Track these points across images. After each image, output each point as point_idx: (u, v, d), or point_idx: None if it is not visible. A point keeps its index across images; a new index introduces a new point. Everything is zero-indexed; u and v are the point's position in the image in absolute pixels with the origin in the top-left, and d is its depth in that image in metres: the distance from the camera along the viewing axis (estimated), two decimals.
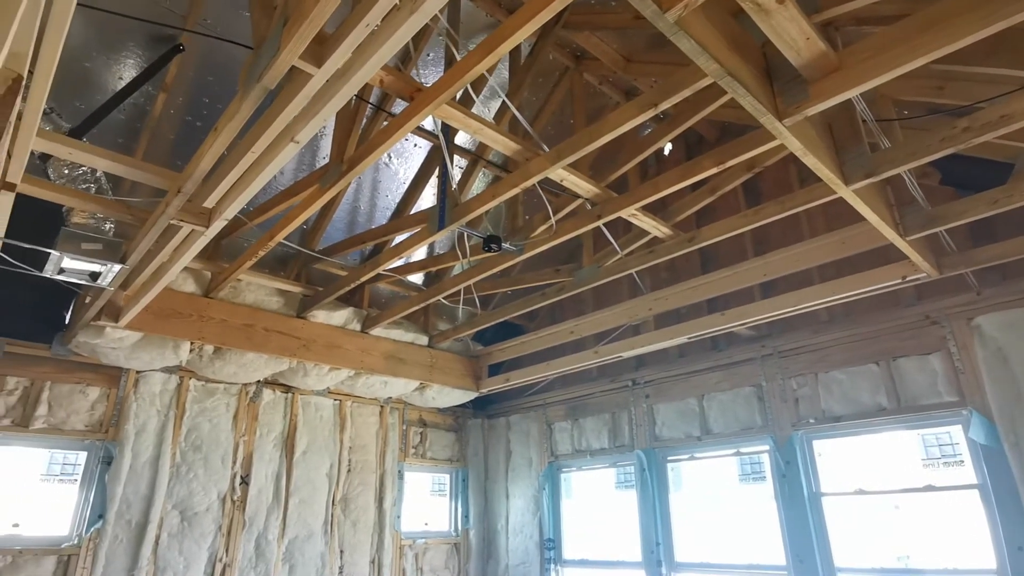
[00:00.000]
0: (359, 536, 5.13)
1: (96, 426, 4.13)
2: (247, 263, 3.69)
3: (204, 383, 4.61)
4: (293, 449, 4.93)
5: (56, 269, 2.86)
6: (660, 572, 4.65)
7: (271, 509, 4.69)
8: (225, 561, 4.38)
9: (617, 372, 5.35)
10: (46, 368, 4.02)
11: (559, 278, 4.42)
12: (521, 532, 5.79)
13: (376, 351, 4.93)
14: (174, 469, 4.32)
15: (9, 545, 3.66)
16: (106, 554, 3.93)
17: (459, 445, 6.17)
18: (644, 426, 5.10)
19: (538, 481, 5.76)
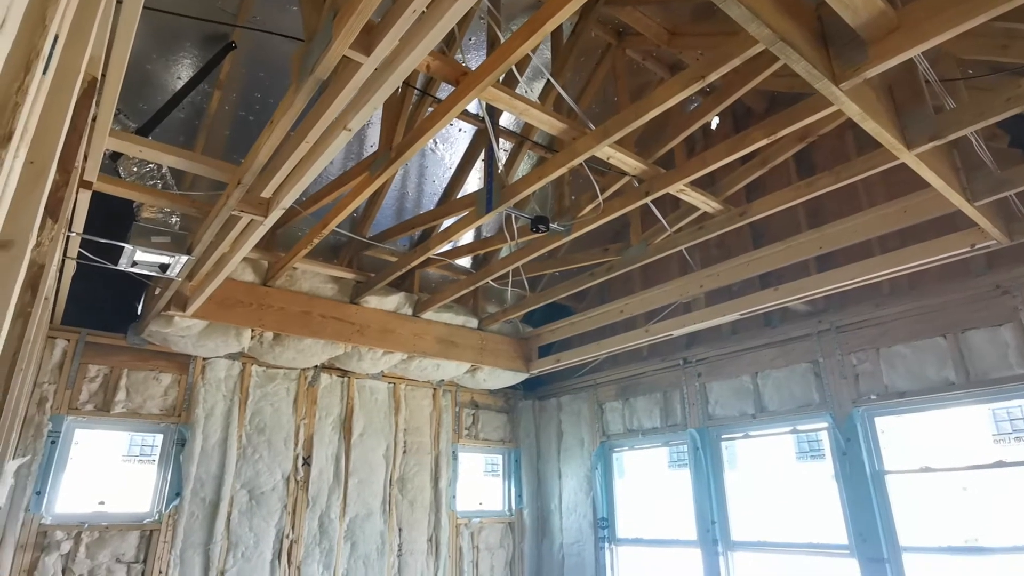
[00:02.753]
0: (416, 515, 5.28)
1: (170, 410, 4.37)
2: (302, 251, 3.81)
3: (265, 369, 4.81)
4: (351, 431, 5.10)
5: (129, 262, 3.03)
6: (716, 551, 4.62)
7: (332, 489, 4.87)
8: (292, 537, 4.59)
9: (668, 351, 5.31)
10: (123, 357, 4.27)
11: (607, 257, 4.40)
12: (574, 511, 5.84)
13: (428, 335, 5.03)
14: (241, 451, 4.54)
15: (96, 521, 3.94)
16: (184, 529, 4.18)
17: (511, 426, 6.25)
18: (697, 405, 5.06)
19: (590, 461, 5.79)
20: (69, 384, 4.04)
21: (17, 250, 0.88)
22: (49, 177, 0.97)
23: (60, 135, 1.00)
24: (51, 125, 0.96)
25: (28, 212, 0.91)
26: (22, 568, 3.63)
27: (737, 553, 4.59)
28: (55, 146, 0.99)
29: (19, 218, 0.90)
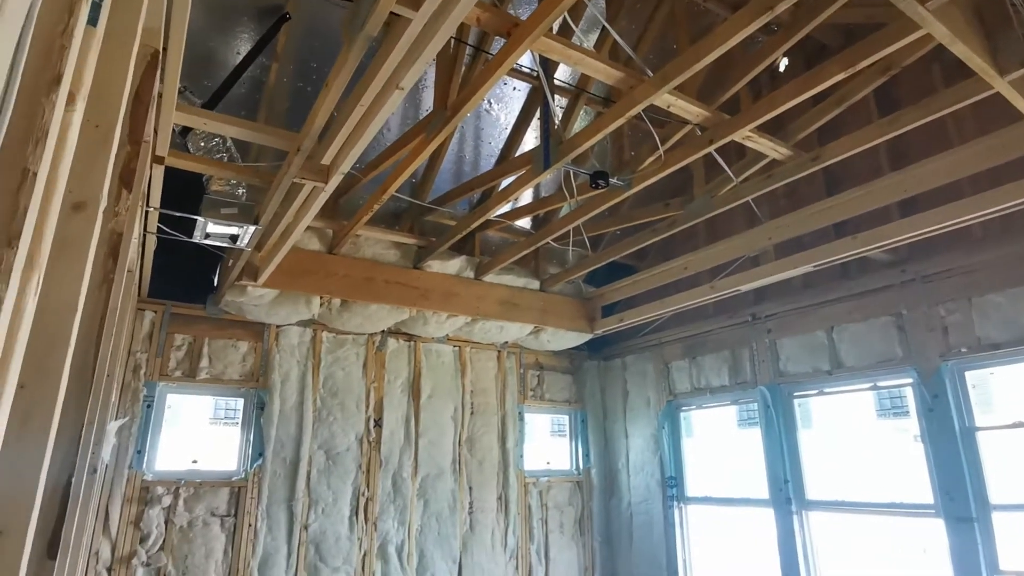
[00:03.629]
0: (485, 474, 5.41)
1: (248, 376, 4.61)
2: (364, 218, 3.88)
3: (335, 335, 4.98)
4: (419, 394, 5.24)
5: (203, 234, 3.17)
6: (790, 510, 4.52)
7: (403, 449, 5.04)
8: (367, 495, 4.80)
9: (735, 307, 5.13)
10: (204, 326, 4.52)
11: (669, 212, 4.27)
12: (642, 470, 5.83)
13: (490, 297, 5.06)
14: (316, 413, 4.75)
15: (191, 478, 4.24)
16: (268, 487, 4.44)
17: (576, 387, 6.26)
18: (767, 362, 4.89)
19: (657, 420, 5.74)
20: (159, 353, 4.31)
21: (90, 211, 0.92)
22: (114, 141, 1.00)
23: (121, 98, 1.03)
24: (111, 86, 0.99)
25: (96, 175, 0.94)
26: (129, 519, 3.96)
27: (813, 513, 4.47)
28: (117, 109, 1.01)
29: (89, 181, 0.93)
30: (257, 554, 4.30)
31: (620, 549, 5.87)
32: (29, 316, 0.62)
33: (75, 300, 0.85)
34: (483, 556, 5.19)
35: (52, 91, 0.57)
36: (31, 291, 0.61)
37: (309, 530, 4.51)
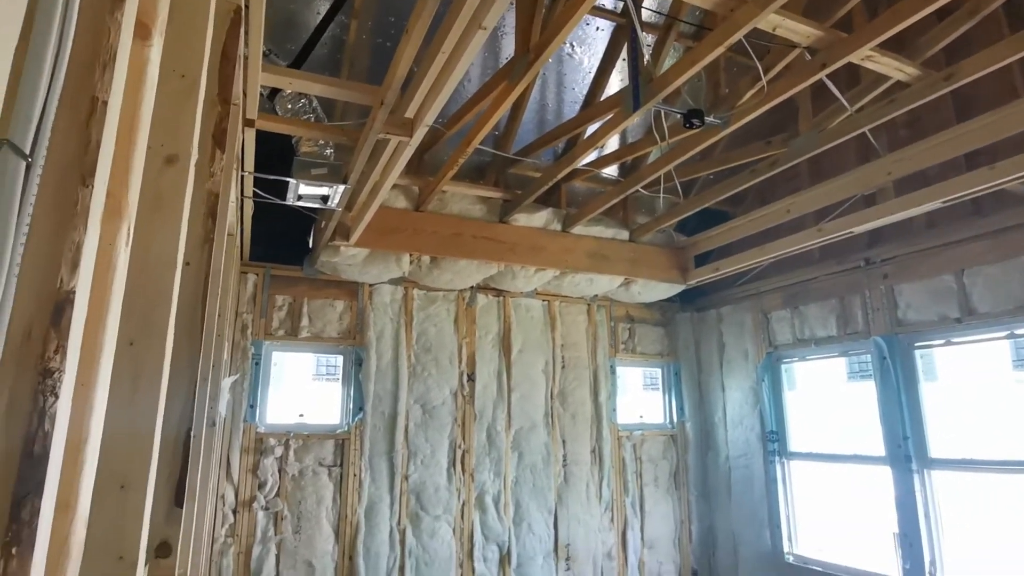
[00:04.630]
0: (578, 428, 5.40)
1: (346, 334, 4.78)
2: (449, 172, 3.84)
3: (425, 292, 5.05)
4: (510, 349, 5.26)
5: (295, 196, 3.23)
6: (909, 468, 4.20)
7: (496, 403, 5.11)
8: (463, 447, 4.91)
9: (845, 251, 4.73)
10: (302, 287, 4.70)
11: (771, 151, 3.93)
12: (740, 424, 5.62)
13: (578, 249, 4.93)
14: (411, 369, 4.87)
15: (299, 431, 4.49)
16: (369, 439, 4.64)
17: (669, 340, 6.08)
18: (882, 310, 4.50)
19: (756, 373, 5.48)
20: (263, 313, 4.54)
21: (182, 165, 0.89)
22: (200, 93, 0.97)
23: (204, 48, 0.99)
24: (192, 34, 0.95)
25: (185, 128, 0.92)
26: (248, 468, 4.27)
27: (936, 472, 4.14)
28: (200, 59, 0.98)
29: (179, 134, 0.91)
30: (363, 502, 4.53)
31: (718, 503, 5.74)
32: (122, 269, 0.59)
33: (173, 256, 0.84)
34: (578, 507, 5.23)
35: (116, 9, 0.52)
36: (121, 242, 0.58)
37: (409, 480, 4.69)
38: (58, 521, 0.48)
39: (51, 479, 0.44)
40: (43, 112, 0.45)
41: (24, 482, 0.42)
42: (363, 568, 4.42)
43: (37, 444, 0.43)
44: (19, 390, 0.43)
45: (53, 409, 0.44)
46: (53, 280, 0.45)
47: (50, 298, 0.44)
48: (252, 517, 4.23)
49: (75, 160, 0.48)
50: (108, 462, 0.68)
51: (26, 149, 0.43)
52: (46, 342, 0.44)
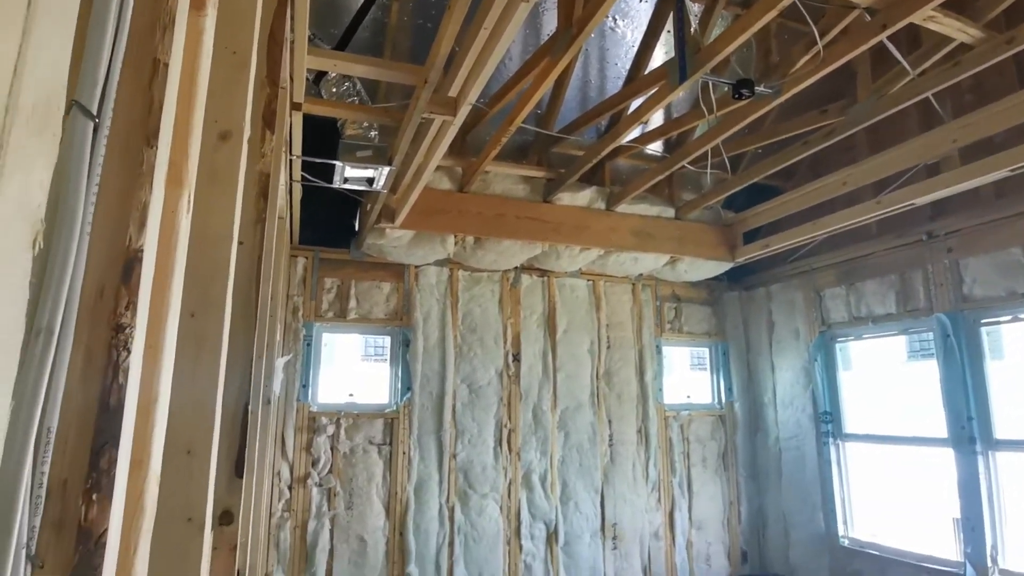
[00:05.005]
0: (624, 408, 5.37)
1: (393, 315, 4.86)
2: (492, 152, 3.82)
3: (470, 273, 5.08)
4: (555, 329, 5.25)
5: (341, 179, 3.28)
6: (973, 450, 4.03)
7: (542, 383, 5.12)
8: (509, 427, 4.95)
9: (905, 225, 4.52)
10: (349, 269, 4.79)
11: (826, 120, 3.77)
12: (791, 405, 5.49)
13: (623, 228, 4.87)
14: (457, 349, 4.92)
15: (349, 410, 4.61)
16: (417, 418, 4.72)
17: (716, 319, 5.96)
18: (946, 285, 4.30)
19: (808, 353, 5.32)
20: (312, 296, 4.65)
21: (235, 141, 0.91)
22: (251, 70, 0.99)
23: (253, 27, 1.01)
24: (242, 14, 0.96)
25: (238, 103, 0.93)
26: (302, 446, 4.41)
27: (1002, 453, 3.95)
28: (250, 38, 0.99)
29: (231, 110, 0.93)
30: (412, 479, 4.63)
31: (768, 485, 5.64)
32: (184, 236, 0.61)
33: (230, 230, 0.86)
34: (624, 487, 5.22)
35: None
36: (182, 209, 0.59)
37: (457, 459, 4.77)
38: (133, 477, 0.50)
39: (126, 431, 0.46)
40: (108, 74, 0.46)
41: (102, 433, 0.44)
42: (413, 544, 4.53)
43: (112, 396, 0.45)
44: (95, 345, 0.45)
45: (126, 364, 0.46)
46: (123, 239, 0.46)
47: (120, 256, 0.46)
48: (307, 493, 4.38)
49: (139, 121, 0.50)
50: (174, 428, 0.71)
51: (93, 110, 0.44)
52: (118, 299, 0.45)
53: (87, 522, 0.42)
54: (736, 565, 5.52)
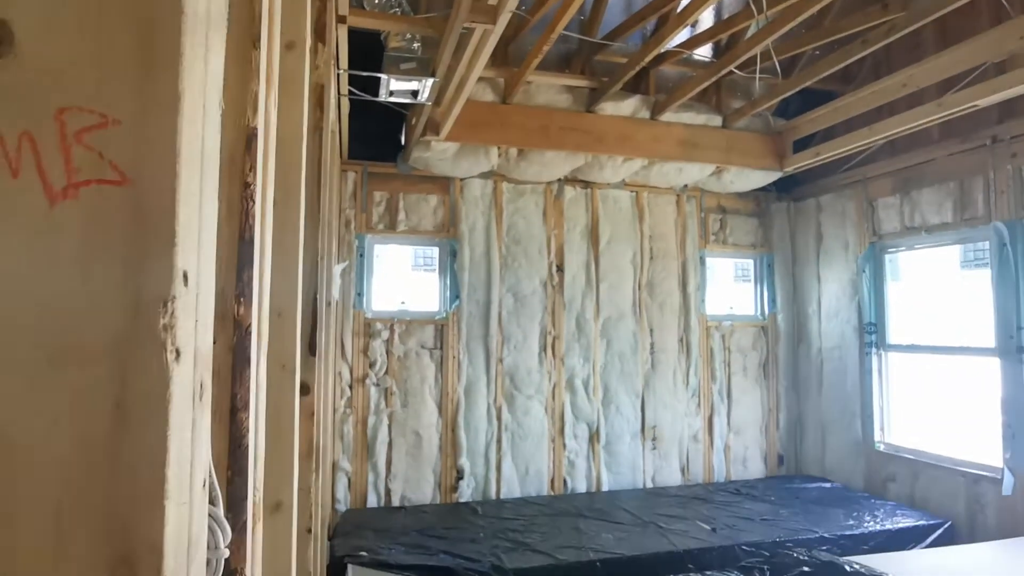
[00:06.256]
0: (666, 318, 5.49)
1: (440, 227, 5.03)
2: (533, 62, 3.80)
3: (514, 185, 5.16)
4: (598, 240, 5.34)
5: (387, 92, 3.36)
6: (1021, 359, 4.01)
7: (585, 293, 5.27)
8: (553, 334, 5.17)
9: (969, 129, 4.31)
10: (397, 183, 4.94)
11: (888, 16, 3.57)
12: (836, 316, 5.50)
13: (668, 137, 4.81)
14: (502, 260, 5.09)
15: (401, 317, 4.90)
16: (466, 325, 4.98)
17: (762, 230, 5.90)
18: (1008, 192, 4.14)
19: (856, 264, 5.26)
20: (363, 209, 4.84)
21: (299, 50, 1.03)
22: None
23: None
24: None
25: (300, 16, 1.04)
26: (359, 349, 4.76)
27: None
28: None
29: (294, 21, 1.03)
30: (462, 381, 4.95)
31: (808, 394, 5.76)
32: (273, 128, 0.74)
33: (300, 132, 0.98)
34: (665, 393, 5.43)
35: None
36: (272, 105, 0.72)
37: (504, 363, 5.04)
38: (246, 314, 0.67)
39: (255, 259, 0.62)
40: None
41: (242, 259, 0.59)
42: (464, 439, 4.91)
43: (247, 233, 0.60)
44: (232, 196, 0.60)
45: (252, 210, 0.61)
46: (243, 118, 0.60)
47: (243, 131, 0.60)
48: (366, 392, 4.76)
49: (247, 27, 0.62)
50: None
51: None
52: (244, 163, 0.59)
53: (238, 316, 0.58)
54: (772, 468, 5.75)
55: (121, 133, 0.39)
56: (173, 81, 0.40)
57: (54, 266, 0.38)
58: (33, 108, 0.39)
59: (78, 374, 0.38)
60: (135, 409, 0.38)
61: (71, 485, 0.37)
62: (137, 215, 0.39)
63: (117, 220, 0.39)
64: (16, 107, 0.39)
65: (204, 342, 0.45)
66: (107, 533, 0.37)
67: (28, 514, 0.37)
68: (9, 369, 0.36)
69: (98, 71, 0.40)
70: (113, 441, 0.37)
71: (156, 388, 0.38)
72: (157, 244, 0.39)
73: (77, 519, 0.37)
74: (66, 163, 0.38)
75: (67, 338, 0.38)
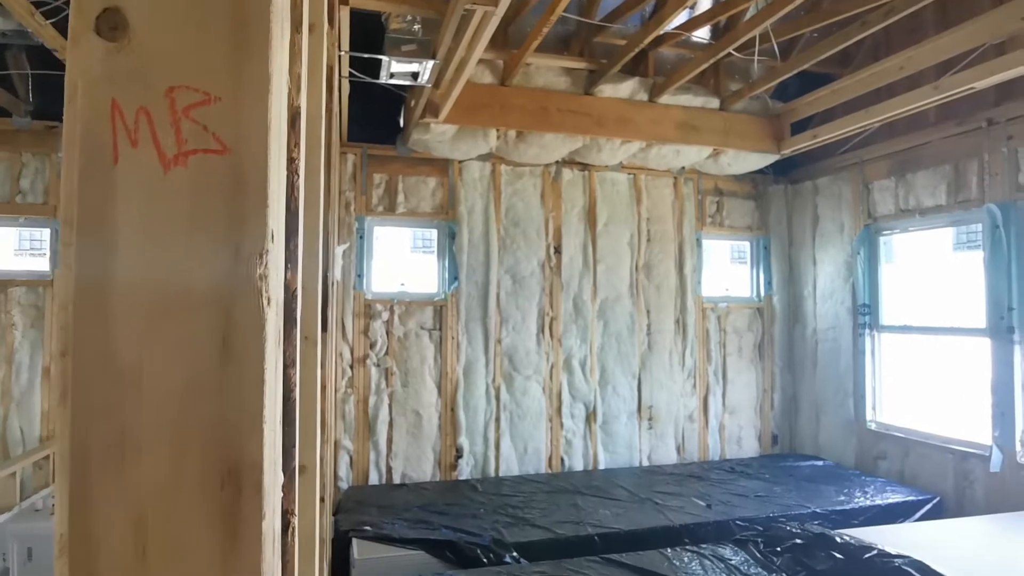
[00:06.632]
0: (663, 299, 5.55)
1: (439, 209, 5.05)
2: (533, 43, 3.80)
3: (512, 167, 5.18)
4: (595, 222, 5.37)
5: (388, 74, 3.36)
6: (1011, 339, 4.09)
7: (582, 274, 5.32)
8: (551, 315, 5.23)
9: (966, 112, 4.35)
10: (396, 165, 4.95)
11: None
12: (831, 298, 5.57)
13: (666, 120, 4.82)
14: (500, 241, 5.13)
15: (401, 298, 4.95)
16: (464, 306, 5.03)
17: (759, 213, 5.95)
18: (1001, 175, 4.19)
19: (851, 246, 5.32)
20: (362, 191, 4.86)
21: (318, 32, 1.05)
22: None
23: None
24: None
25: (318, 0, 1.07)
26: (360, 330, 4.81)
27: None
28: None
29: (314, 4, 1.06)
30: (461, 361, 5.01)
31: (803, 374, 5.85)
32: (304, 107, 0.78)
33: (319, 111, 1.02)
34: (661, 373, 5.51)
35: None
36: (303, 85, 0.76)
37: (502, 344, 5.10)
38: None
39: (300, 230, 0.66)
40: None
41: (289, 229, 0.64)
42: (464, 418, 4.98)
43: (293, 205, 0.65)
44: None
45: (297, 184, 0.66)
46: (290, 97, 0.64)
47: (291, 111, 0.64)
48: (366, 372, 4.81)
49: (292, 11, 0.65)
50: None
51: None
52: (290, 139, 0.63)
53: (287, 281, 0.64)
54: (767, 447, 5.86)
55: (222, 109, 0.45)
56: (264, 64, 0.45)
57: (169, 223, 0.44)
58: (148, 87, 0.45)
59: (190, 316, 0.44)
60: (238, 347, 0.44)
61: (186, 411, 0.44)
62: (236, 180, 0.45)
63: (220, 184, 0.45)
64: (134, 86, 0.45)
65: (279, 294, 0.52)
66: (217, 451, 0.44)
67: (152, 436, 0.42)
68: (135, 312, 0.42)
69: (201, 54, 0.45)
70: (220, 374, 0.43)
71: (255, 329, 0.44)
72: (254, 205, 0.45)
73: (192, 440, 0.44)
74: (176, 134, 0.44)
75: (180, 285, 0.44)
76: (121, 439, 0.42)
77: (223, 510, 0.43)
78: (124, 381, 0.43)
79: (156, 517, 0.42)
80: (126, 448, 0.42)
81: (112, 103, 0.44)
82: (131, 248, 0.44)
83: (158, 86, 0.45)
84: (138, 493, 0.43)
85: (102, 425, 0.42)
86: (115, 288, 0.42)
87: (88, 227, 0.44)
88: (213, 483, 0.43)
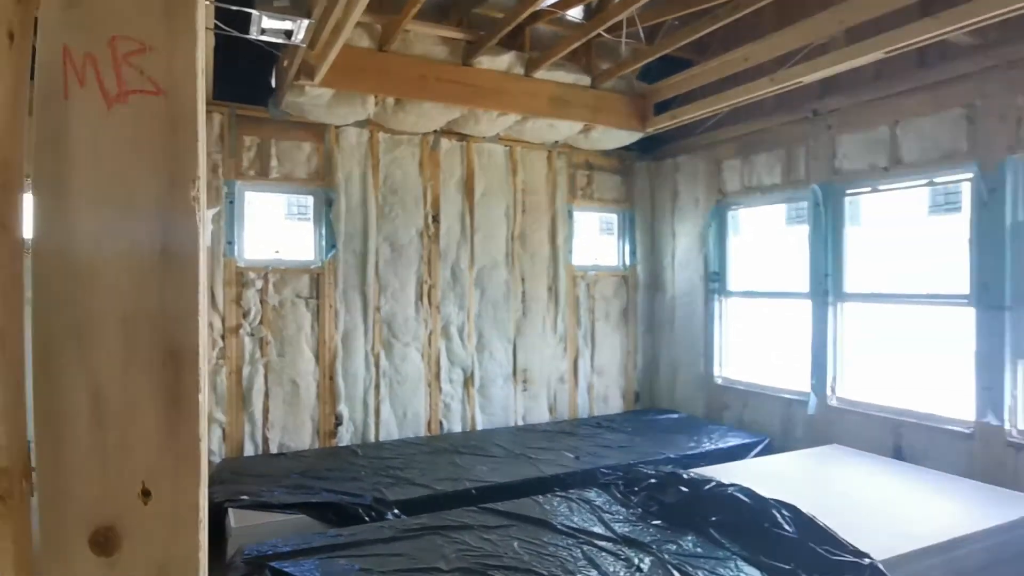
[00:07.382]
0: (536, 267, 5.83)
1: (315, 175, 4.93)
2: (412, 10, 3.81)
3: (391, 135, 5.15)
4: (473, 192, 5.50)
5: (258, 30, 3.23)
6: (826, 301, 4.78)
7: (460, 243, 5.45)
8: (430, 283, 5.32)
9: (797, 103, 4.94)
10: (269, 128, 4.75)
11: None
12: (687, 267, 6.14)
13: (541, 94, 5.02)
14: (379, 209, 5.11)
15: (276, 266, 4.80)
16: (342, 274, 4.99)
17: (625, 187, 6.38)
18: (821, 159, 4.83)
19: (704, 219, 5.89)
20: (232, 153, 4.62)
21: None
22: None
23: None
24: None
25: None
26: (231, 299, 4.61)
27: (847, 304, 4.73)
28: None
29: None
30: (339, 330, 4.98)
31: (662, 337, 6.42)
32: None
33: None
34: (535, 338, 5.81)
35: None
36: None
37: (381, 312, 5.13)
38: None
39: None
40: None
41: None
42: (343, 386, 4.98)
43: None
44: None
45: None
46: None
47: None
48: (239, 342, 4.65)
49: None
50: None
51: None
52: None
53: None
54: (630, 403, 6.39)
55: (155, 56, 0.54)
56: (192, 18, 0.54)
57: (113, 151, 0.51)
58: (94, 36, 0.54)
59: (134, 225, 0.52)
60: (176, 255, 0.53)
61: (134, 304, 0.53)
62: (171, 117, 0.54)
63: (156, 120, 0.55)
64: (82, 35, 0.54)
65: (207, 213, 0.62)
66: (160, 337, 0.52)
67: (102, 324, 0.50)
68: (89, 218, 0.50)
69: (139, 10, 0.55)
70: (162, 275, 0.52)
71: (191, 242, 0.53)
72: (186, 138, 0.54)
73: (139, 327, 0.53)
74: (117, 77, 0.52)
75: (125, 198, 0.52)
76: (79, 326, 0.50)
77: (166, 384, 0.52)
78: (81, 277, 0.51)
79: (111, 390, 0.50)
80: (83, 334, 0.50)
81: (63, 48, 0.52)
82: (83, 168, 0.52)
83: (102, 35, 0.54)
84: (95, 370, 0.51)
85: (63, 314, 0.50)
86: (70, 197, 0.51)
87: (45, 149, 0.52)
88: (157, 362, 0.52)
